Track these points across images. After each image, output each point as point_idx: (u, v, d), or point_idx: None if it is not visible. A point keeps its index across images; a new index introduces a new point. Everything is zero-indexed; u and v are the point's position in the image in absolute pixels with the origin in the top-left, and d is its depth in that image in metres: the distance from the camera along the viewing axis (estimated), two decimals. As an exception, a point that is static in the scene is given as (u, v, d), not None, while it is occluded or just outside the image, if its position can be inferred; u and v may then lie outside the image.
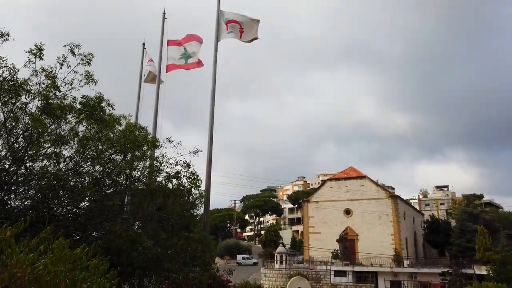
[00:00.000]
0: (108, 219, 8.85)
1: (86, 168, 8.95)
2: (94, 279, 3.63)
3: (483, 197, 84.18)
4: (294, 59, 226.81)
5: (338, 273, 41.27)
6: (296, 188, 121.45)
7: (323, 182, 60.64)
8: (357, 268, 42.33)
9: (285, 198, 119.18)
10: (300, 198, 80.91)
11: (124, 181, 9.59)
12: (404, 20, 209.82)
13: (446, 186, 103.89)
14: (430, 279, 39.58)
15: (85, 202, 8.61)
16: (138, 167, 10.36)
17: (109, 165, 8.91)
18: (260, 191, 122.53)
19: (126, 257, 7.61)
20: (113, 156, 9.22)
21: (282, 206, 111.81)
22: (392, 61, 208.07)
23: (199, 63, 16.32)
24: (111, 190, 9.68)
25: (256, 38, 15.43)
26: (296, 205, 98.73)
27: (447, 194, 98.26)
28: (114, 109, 9.76)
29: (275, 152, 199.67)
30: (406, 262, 44.36)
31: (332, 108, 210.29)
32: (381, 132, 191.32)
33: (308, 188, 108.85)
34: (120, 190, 9.89)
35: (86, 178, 8.80)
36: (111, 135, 9.47)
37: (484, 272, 31.87)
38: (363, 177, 52.72)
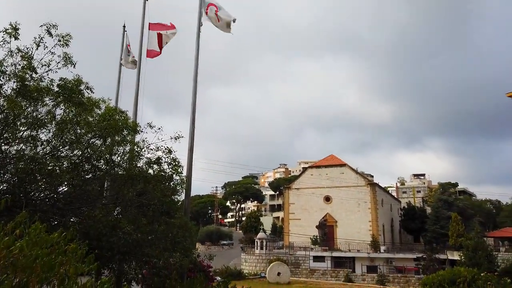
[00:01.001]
0: (87, 204, 8.75)
1: (64, 153, 8.78)
2: (71, 263, 3.61)
3: (458, 185, 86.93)
4: (279, 47, 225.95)
5: (317, 259, 42.16)
6: (277, 175, 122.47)
7: (304, 169, 61.32)
8: (335, 254, 43.32)
9: (266, 185, 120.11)
10: (281, 185, 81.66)
11: (103, 166, 9.46)
12: (388, 10, 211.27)
13: (423, 175, 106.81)
14: (405, 264, 40.93)
15: (64, 187, 8.47)
16: (118, 152, 10.23)
17: (88, 150, 8.76)
18: (242, 177, 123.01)
19: (105, 242, 7.57)
20: (93, 140, 9.07)
21: (264, 193, 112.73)
22: (375, 51, 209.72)
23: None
24: (90, 175, 9.54)
25: (229, 24, 15.12)
26: (277, 192, 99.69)
27: (424, 182, 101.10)
28: (93, 93, 9.56)
29: (257, 139, 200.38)
30: (382, 248, 45.65)
31: (315, 96, 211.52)
32: (363, 120, 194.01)
33: (289, 176, 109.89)
34: (99, 175, 9.77)
35: (65, 162, 8.65)
36: (90, 119, 9.28)
37: (457, 258, 33.17)
38: (343, 165, 53.56)
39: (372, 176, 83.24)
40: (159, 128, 10.62)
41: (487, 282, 9.92)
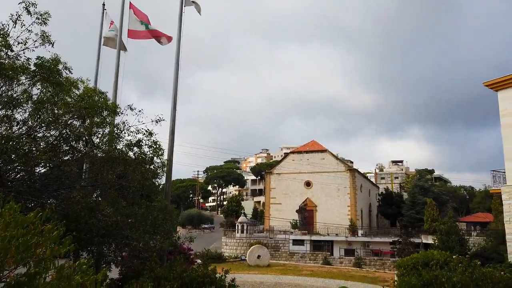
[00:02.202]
0: (66, 186, 8.60)
1: (41, 133, 8.55)
2: (48, 244, 3.56)
3: (434, 172, 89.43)
4: (266, 33, 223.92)
5: (296, 242, 42.90)
6: (259, 160, 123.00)
7: (286, 154, 61.72)
8: (314, 237, 44.17)
9: (248, 170, 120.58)
10: (263, 170, 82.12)
11: (82, 148, 9.27)
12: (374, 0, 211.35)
13: (401, 161, 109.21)
14: (381, 247, 42.14)
15: (41, 168, 8.29)
16: (98, 134, 10.03)
17: (66, 130, 8.55)
18: (224, 162, 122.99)
19: (84, 224, 7.48)
20: (71, 121, 8.86)
21: (245, 178, 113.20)
22: (360, 40, 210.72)
23: (167, 37, 15.73)
24: (68, 157, 9.35)
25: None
26: (259, 177, 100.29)
27: (402, 169, 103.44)
28: (71, 73, 9.30)
29: (241, 124, 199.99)
30: (360, 232, 46.79)
31: (300, 83, 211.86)
32: (346, 108, 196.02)
33: (271, 161, 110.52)
34: (78, 157, 9.58)
35: (42, 143, 8.43)
36: (68, 99, 9.05)
37: (431, 241, 34.31)
38: (324, 150, 54.14)
39: (352, 162, 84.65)
40: (139, 111, 10.45)
41: (459, 264, 10.32)
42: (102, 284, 3.56)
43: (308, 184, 52.67)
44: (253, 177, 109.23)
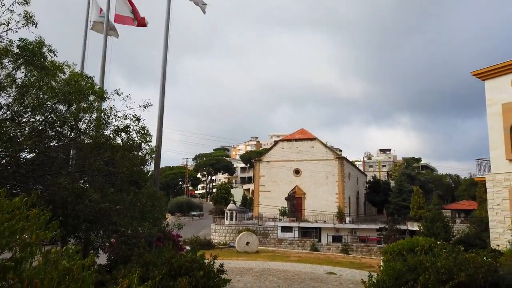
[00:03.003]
0: (52, 172, 8.47)
1: (26, 118, 8.38)
2: (34, 229, 3.52)
3: (421, 160, 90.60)
4: (258, 20, 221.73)
5: (284, 229, 43.34)
6: (249, 148, 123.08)
7: (275, 142, 61.85)
8: (302, 224, 44.66)
9: (237, 157, 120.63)
10: (253, 157, 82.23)
11: (68, 133, 9.11)
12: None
13: (389, 150, 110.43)
14: (368, 234, 42.87)
15: (26, 153, 8.14)
16: (84, 119, 9.86)
17: (51, 115, 8.39)
18: (213, 150, 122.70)
19: (71, 210, 7.41)
20: (56, 106, 8.68)
21: (235, 165, 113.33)
22: (352, 29, 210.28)
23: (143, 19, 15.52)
24: (54, 142, 9.20)
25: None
26: (248, 165, 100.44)
27: (389, 157, 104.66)
28: (56, 56, 9.08)
29: (231, 112, 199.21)
30: (347, 219, 47.45)
31: (291, 71, 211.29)
32: (336, 97, 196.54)
33: (260, 148, 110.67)
34: (65, 143, 9.43)
35: (27, 128, 8.26)
36: (54, 84, 8.85)
37: (416, 228, 35.00)
38: (313, 139, 54.39)
39: (341, 151, 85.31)
40: (127, 96, 10.29)
41: (443, 249, 10.55)
42: (90, 269, 3.53)
43: (297, 172, 52.99)
44: (243, 165, 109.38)
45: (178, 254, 9.59)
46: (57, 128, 8.59)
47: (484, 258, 9.77)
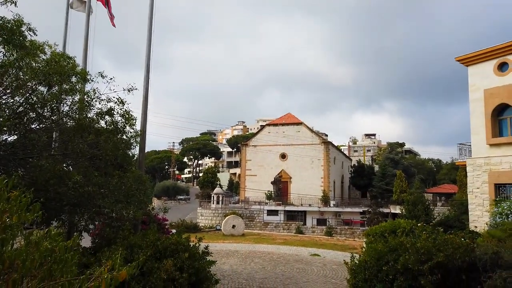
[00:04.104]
0: (34, 154, 8.32)
1: (4, 100, 8.15)
2: (15, 210, 3.48)
3: (405, 145, 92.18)
4: (248, 4, 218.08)
5: (270, 212, 43.85)
6: (235, 133, 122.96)
7: (262, 127, 61.90)
8: (288, 208, 45.23)
9: (224, 142, 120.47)
10: (239, 142, 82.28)
11: (50, 115, 8.92)
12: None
13: (374, 134, 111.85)
14: (352, 217, 43.73)
15: (5, 135, 7.95)
16: (67, 101, 9.66)
17: (32, 97, 8.18)
18: (200, 134, 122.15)
19: (53, 192, 7.33)
20: (37, 87, 8.46)
21: (221, 150, 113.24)
22: (343, 14, 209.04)
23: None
24: (36, 125, 9.00)
25: None
26: (235, 149, 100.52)
27: (374, 142, 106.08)
28: (36, 35, 8.81)
29: (219, 96, 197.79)
30: (332, 203, 48.23)
31: (280, 56, 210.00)
32: (324, 82, 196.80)
33: (247, 133, 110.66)
34: (47, 125, 9.23)
35: (6, 110, 8.05)
36: (34, 64, 8.60)
37: (398, 211, 35.84)
38: (299, 123, 54.60)
39: (327, 135, 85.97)
40: (111, 78, 10.08)
41: (423, 231, 10.85)
42: (72, 250, 3.52)
43: (283, 156, 53.31)
44: (229, 149, 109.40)
45: (163, 236, 9.63)
46: (38, 110, 8.40)
47: (462, 239, 10.10)
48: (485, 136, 18.71)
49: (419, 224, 14.34)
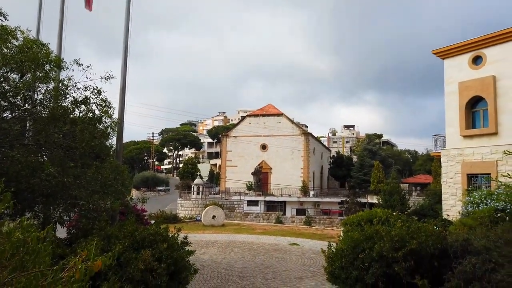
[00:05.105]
0: (5, 144, 8.07)
1: (-26, 87, 7.84)
2: (-16, 200, 3.37)
3: (383, 136, 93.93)
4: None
5: (251, 203, 44.07)
6: (216, 123, 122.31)
7: (243, 118, 61.81)
8: (268, 198, 45.57)
9: (205, 132, 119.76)
10: (220, 133, 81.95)
11: (22, 104, 8.64)
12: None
13: (353, 126, 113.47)
14: (330, 207, 44.48)
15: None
16: (40, 90, 9.36)
17: (3, 85, 7.90)
18: (180, 124, 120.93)
19: (26, 183, 7.14)
20: (9, 74, 8.17)
21: (202, 141, 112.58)
22: (327, 5, 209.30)
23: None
24: (7, 113, 8.71)
25: None
26: (215, 140, 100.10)
27: (353, 133, 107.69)
28: (7, 20, 8.48)
29: (200, 87, 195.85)
30: (311, 193, 48.87)
31: (262, 47, 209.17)
32: (305, 74, 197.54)
33: (228, 124, 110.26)
34: (19, 114, 8.94)
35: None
36: (6, 50, 8.29)
37: (375, 201, 36.63)
38: (280, 114, 54.80)
39: (307, 127, 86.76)
40: (87, 66, 9.81)
41: (398, 220, 11.16)
42: (46, 241, 3.46)
43: (263, 147, 53.48)
44: (210, 140, 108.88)
45: (142, 227, 9.55)
46: (10, 99, 8.12)
47: (435, 227, 10.46)
48: (459, 128, 19.26)
49: (394, 213, 14.73)
